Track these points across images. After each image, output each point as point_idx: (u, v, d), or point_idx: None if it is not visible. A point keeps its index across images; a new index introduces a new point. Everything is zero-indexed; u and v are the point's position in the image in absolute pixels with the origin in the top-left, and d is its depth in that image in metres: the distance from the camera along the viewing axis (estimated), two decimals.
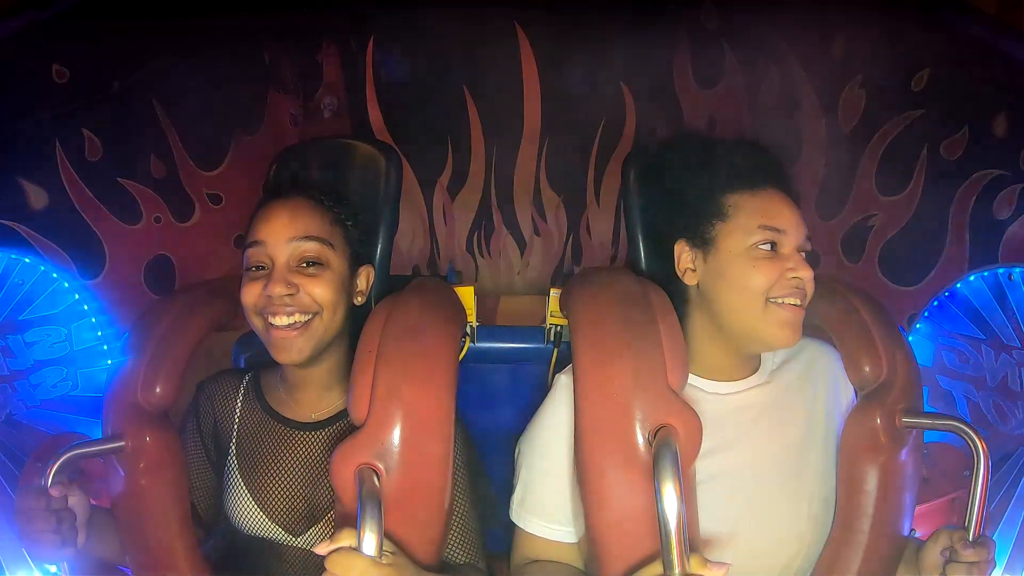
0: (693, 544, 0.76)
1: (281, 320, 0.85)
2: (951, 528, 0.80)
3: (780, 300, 0.84)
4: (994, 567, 0.79)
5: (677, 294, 0.91)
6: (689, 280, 0.90)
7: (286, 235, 0.86)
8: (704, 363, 0.90)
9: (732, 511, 0.84)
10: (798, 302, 0.85)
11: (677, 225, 0.92)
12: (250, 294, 0.86)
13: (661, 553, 0.68)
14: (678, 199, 0.92)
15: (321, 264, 0.87)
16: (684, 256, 0.90)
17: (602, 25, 1.71)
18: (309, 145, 1.20)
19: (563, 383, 0.88)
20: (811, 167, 1.62)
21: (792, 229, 0.86)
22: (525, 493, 0.89)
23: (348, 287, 0.92)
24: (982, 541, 0.78)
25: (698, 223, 0.89)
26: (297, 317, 0.86)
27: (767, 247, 0.85)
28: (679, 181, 0.93)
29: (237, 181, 1.60)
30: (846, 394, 0.92)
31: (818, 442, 0.89)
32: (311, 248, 0.87)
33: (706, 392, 0.89)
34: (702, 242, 0.89)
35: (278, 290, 0.84)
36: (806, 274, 0.84)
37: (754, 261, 0.85)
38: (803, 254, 0.86)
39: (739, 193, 0.87)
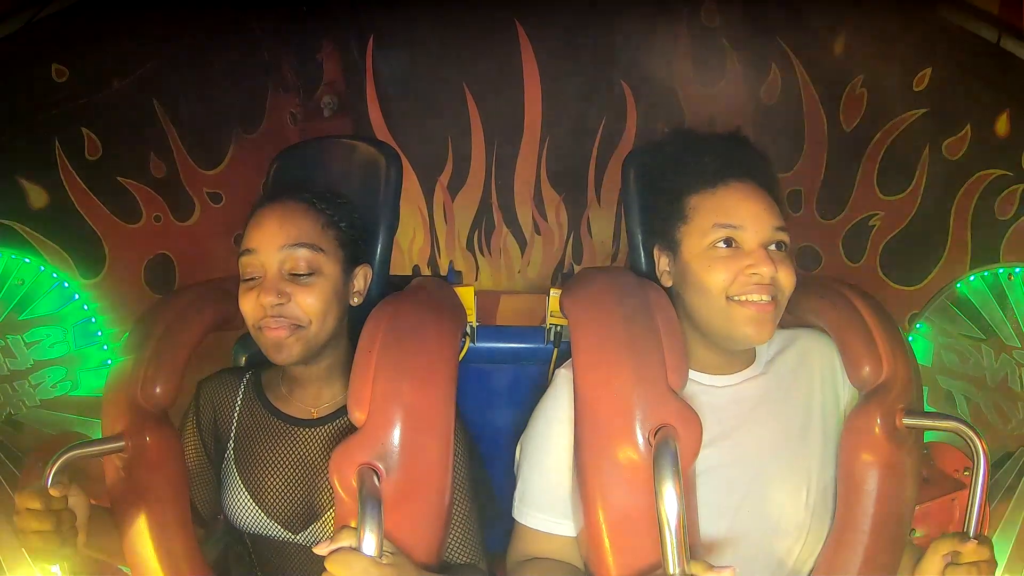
0: (693, 546, 0.76)
1: (273, 325, 0.86)
2: (950, 536, 0.79)
3: (742, 298, 0.83)
4: (995, 567, 0.79)
5: (672, 297, 0.91)
6: (665, 283, 0.91)
7: (276, 243, 0.86)
8: (698, 358, 0.90)
9: (731, 502, 0.84)
10: (763, 298, 0.82)
11: (652, 230, 0.93)
12: (247, 305, 0.87)
13: (661, 554, 0.68)
14: (653, 204, 0.93)
15: (313, 271, 0.88)
16: (661, 260, 0.92)
17: (603, 24, 1.70)
18: (309, 145, 1.20)
19: (563, 377, 0.88)
20: (813, 166, 1.62)
21: (752, 223, 0.83)
22: (525, 488, 0.89)
23: (342, 291, 0.92)
24: (982, 540, 0.77)
25: (666, 227, 0.90)
26: (287, 323, 0.86)
27: (723, 245, 0.84)
28: (654, 186, 0.94)
29: (237, 180, 1.60)
30: (845, 383, 0.92)
31: (816, 432, 0.89)
32: (302, 255, 0.87)
33: (702, 385, 0.89)
34: (670, 246, 0.89)
35: (269, 299, 0.85)
36: (766, 270, 0.81)
37: (710, 261, 0.84)
38: (772, 248, 0.84)
39: (699, 193, 0.87)
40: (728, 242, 0.84)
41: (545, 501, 0.87)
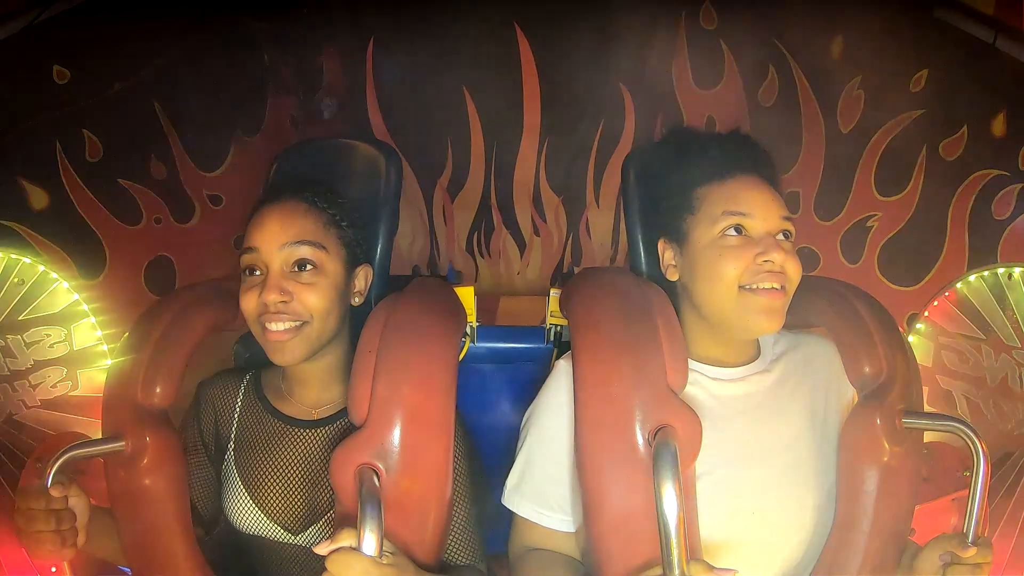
0: (693, 547, 0.76)
1: (276, 326, 0.86)
2: (949, 537, 0.80)
3: (753, 286, 0.83)
4: (991, 567, 0.79)
5: (673, 291, 0.92)
6: (671, 276, 0.91)
7: (279, 241, 0.86)
8: (703, 351, 0.91)
9: (735, 502, 0.84)
10: (775, 286, 0.83)
11: (658, 223, 0.93)
12: (248, 303, 0.87)
13: (660, 554, 0.68)
14: (658, 198, 0.94)
15: (315, 269, 0.88)
16: (666, 254, 0.92)
17: (601, 26, 1.71)
18: (309, 145, 1.20)
19: (562, 368, 0.88)
20: (810, 168, 1.62)
21: (761, 212, 0.84)
22: (521, 477, 0.89)
23: (344, 290, 0.92)
24: (982, 542, 0.78)
25: (673, 219, 0.90)
26: (290, 323, 0.86)
27: (733, 233, 0.84)
28: (659, 179, 0.94)
29: (237, 182, 1.60)
30: (847, 388, 0.92)
31: (819, 434, 0.89)
32: (304, 253, 0.87)
33: (707, 377, 0.89)
34: (677, 237, 0.90)
35: (272, 297, 0.85)
36: (778, 256, 0.82)
37: (721, 250, 0.84)
38: (779, 237, 0.85)
39: (707, 185, 0.88)
40: (738, 229, 0.84)
41: (541, 493, 0.87)
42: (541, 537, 0.88)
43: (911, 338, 1.41)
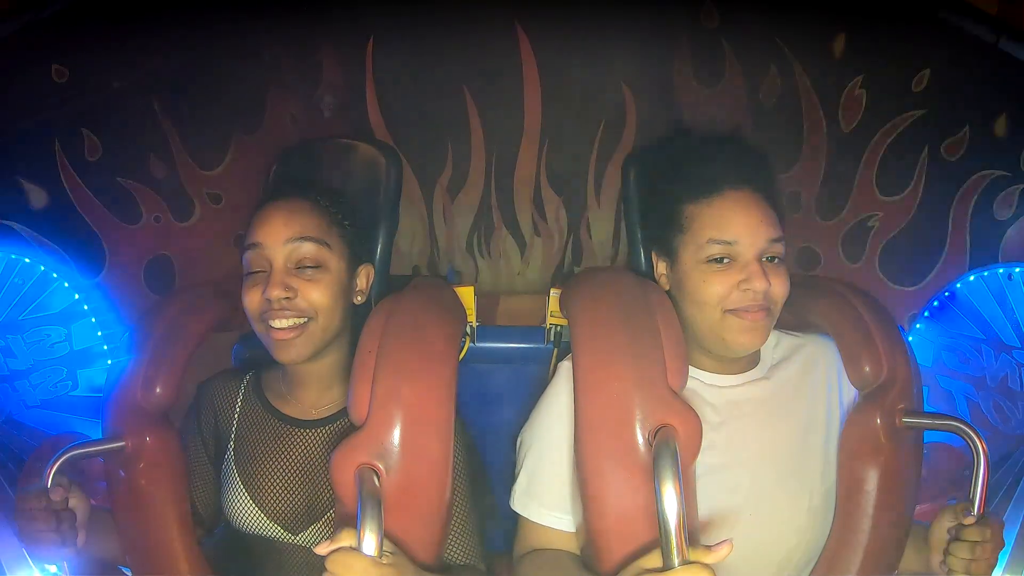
0: (694, 546, 0.76)
1: (280, 323, 0.86)
2: (955, 503, 0.80)
3: (737, 310, 0.84)
4: (1003, 547, 0.79)
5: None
6: (663, 286, 0.92)
7: (283, 237, 0.87)
8: (699, 359, 0.91)
9: (731, 504, 0.84)
10: (756, 310, 0.84)
11: (651, 235, 0.94)
12: (252, 300, 0.87)
13: (661, 554, 0.68)
14: (650, 209, 0.94)
15: (319, 266, 0.88)
16: (659, 265, 0.93)
17: (602, 25, 1.71)
18: (309, 145, 1.20)
19: (565, 370, 0.89)
20: (811, 167, 1.62)
21: (748, 236, 0.84)
22: (529, 481, 0.89)
23: (347, 288, 0.92)
24: (987, 520, 0.78)
25: (664, 234, 0.90)
26: (294, 320, 0.86)
27: (718, 260, 0.84)
28: (652, 191, 0.95)
29: (237, 180, 1.60)
30: (849, 390, 0.92)
31: (818, 437, 0.89)
32: (308, 249, 0.87)
33: (706, 384, 0.89)
34: (668, 253, 0.90)
35: (276, 293, 0.85)
36: (760, 285, 0.82)
37: (705, 275, 0.85)
38: (766, 259, 0.85)
39: (696, 203, 0.87)
40: (723, 256, 0.85)
41: (548, 495, 0.88)
42: (550, 539, 0.88)
43: (911, 338, 1.41)
